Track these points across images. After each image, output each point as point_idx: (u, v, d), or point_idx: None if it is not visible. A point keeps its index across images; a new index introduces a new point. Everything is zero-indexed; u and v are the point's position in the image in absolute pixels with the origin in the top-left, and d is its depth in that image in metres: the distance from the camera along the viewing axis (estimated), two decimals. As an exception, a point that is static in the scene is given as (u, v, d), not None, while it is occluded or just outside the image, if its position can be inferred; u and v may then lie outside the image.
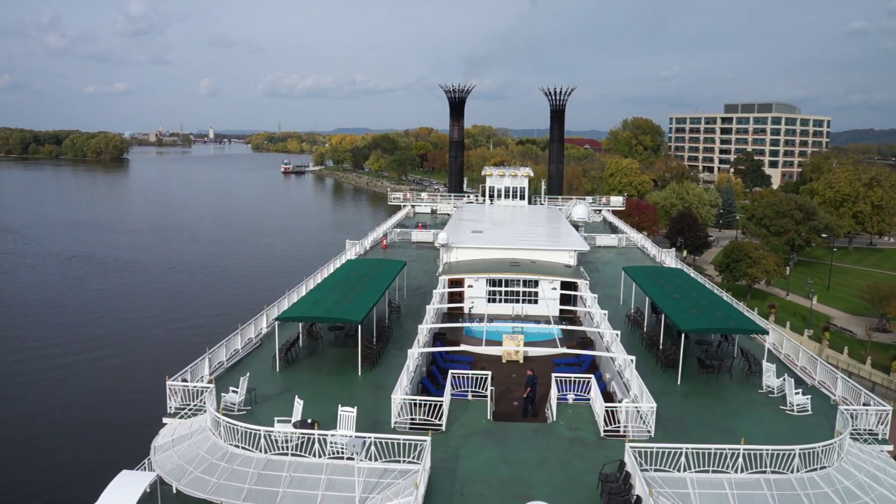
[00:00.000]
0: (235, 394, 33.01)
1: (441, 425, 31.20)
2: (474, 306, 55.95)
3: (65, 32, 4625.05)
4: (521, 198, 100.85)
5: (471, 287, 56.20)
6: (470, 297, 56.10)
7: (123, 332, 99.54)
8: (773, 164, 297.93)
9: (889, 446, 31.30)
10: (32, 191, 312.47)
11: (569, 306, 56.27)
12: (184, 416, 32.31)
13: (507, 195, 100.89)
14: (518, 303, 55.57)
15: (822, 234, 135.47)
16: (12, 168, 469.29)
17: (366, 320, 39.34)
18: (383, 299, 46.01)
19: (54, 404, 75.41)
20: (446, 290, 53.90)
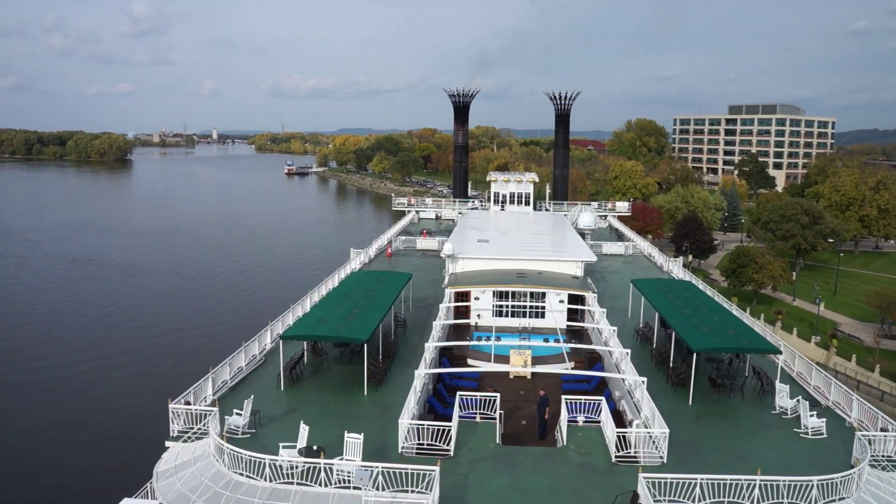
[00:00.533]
0: (239, 416, 32.40)
1: (449, 451, 30.56)
2: (481, 318, 55.39)
3: (68, 33, 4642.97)
4: (527, 204, 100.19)
5: (477, 299, 55.59)
6: (476, 309, 55.50)
7: (125, 341, 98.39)
8: (778, 166, 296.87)
9: None
10: (36, 193, 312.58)
11: (576, 318, 55.60)
12: (187, 439, 31.71)
13: (512, 201, 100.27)
14: (525, 316, 54.92)
15: (829, 238, 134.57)
16: (16, 169, 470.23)
17: (372, 338, 38.71)
18: (389, 314, 45.35)
19: (52, 419, 73.53)
20: (452, 304, 53.24)
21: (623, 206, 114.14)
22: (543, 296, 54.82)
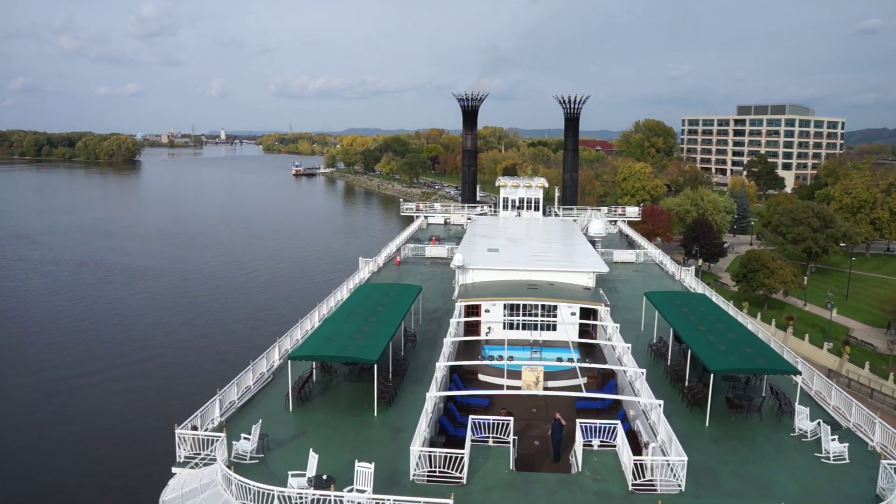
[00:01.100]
0: (247, 441, 31.79)
1: (462, 478, 29.88)
2: (491, 331, 54.67)
3: (77, 34, 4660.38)
4: (536, 209, 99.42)
5: (487, 312, 54.90)
6: (487, 321, 54.80)
7: (131, 352, 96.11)
8: (787, 167, 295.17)
9: None
10: (45, 194, 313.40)
11: (588, 331, 54.84)
12: (194, 466, 31.11)
13: (521, 206, 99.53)
14: (536, 328, 54.17)
15: (840, 242, 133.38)
16: (26, 171, 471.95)
17: (381, 356, 38.05)
18: (399, 330, 44.68)
19: (54, 436, 70.64)
20: (462, 318, 52.52)
21: (633, 211, 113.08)
22: (555, 308, 54.08)
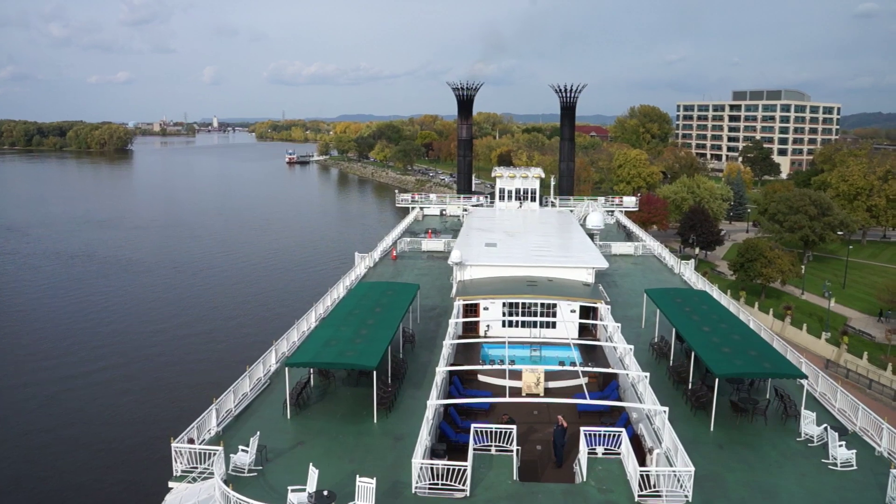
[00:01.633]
0: (245, 453, 31.11)
1: (465, 490, 29.29)
2: (490, 329, 54.13)
3: (68, 22, 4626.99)
4: (533, 200, 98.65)
5: (486, 310, 54.30)
6: (486, 319, 54.22)
7: (124, 350, 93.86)
8: (783, 152, 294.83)
9: None
10: (36, 185, 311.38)
11: (588, 327, 54.29)
12: (191, 480, 30.43)
13: (517, 197, 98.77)
14: (535, 326, 53.57)
15: (838, 230, 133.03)
16: (16, 161, 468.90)
17: (380, 362, 37.37)
18: (397, 332, 43.98)
19: (42, 442, 68.22)
20: (461, 319, 51.84)
21: (630, 201, 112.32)
22: (555, 306, 53.50)
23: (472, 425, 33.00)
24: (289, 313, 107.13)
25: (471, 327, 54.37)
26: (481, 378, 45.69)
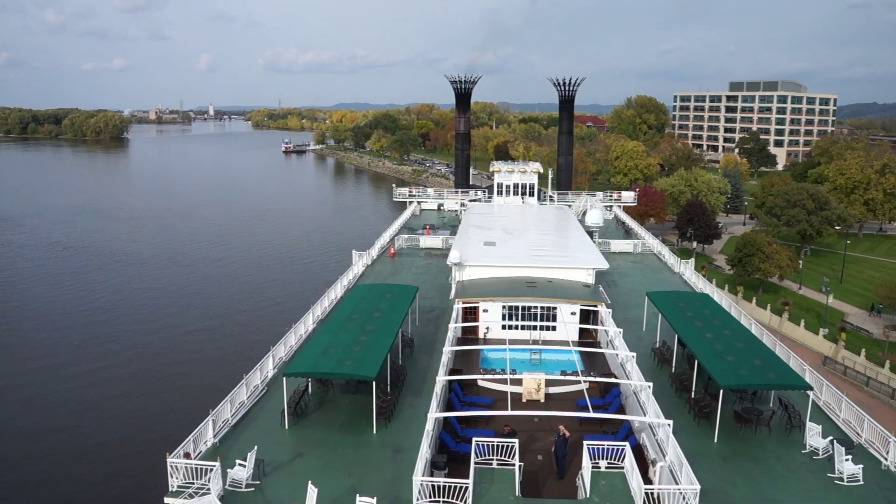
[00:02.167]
0: (243, 467, 30.56)
1: None
2: (490, 331, 53.64)
3: (62, 8, 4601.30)
4: (531, 195, 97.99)
5: (486, 311, 53.78)
6: (485, 321, 53.71)
7: (118, 350, 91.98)
8: (779, 144, 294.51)
9: None
10: (31, 174, 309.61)
11: (589, 331, 53.79)
12: (188, 496, 29.86)
13: (515, 192, 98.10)
14: (535, 329, 53.07)
15: (836, 225, 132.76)
16: (11, 149, 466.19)
17: (380, 370, 36.81)
18: (396, 338, 43.40)
19: (32, 451, 66.11)
20: (460, 324, 51.26)
21: (629, 195, 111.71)
22: (555, 308, 53.00)
23: (474, 439, 32.49)
24: (286, 307, 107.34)
25: (470, 329, 53.89)
26: (482, 383, 45.20)
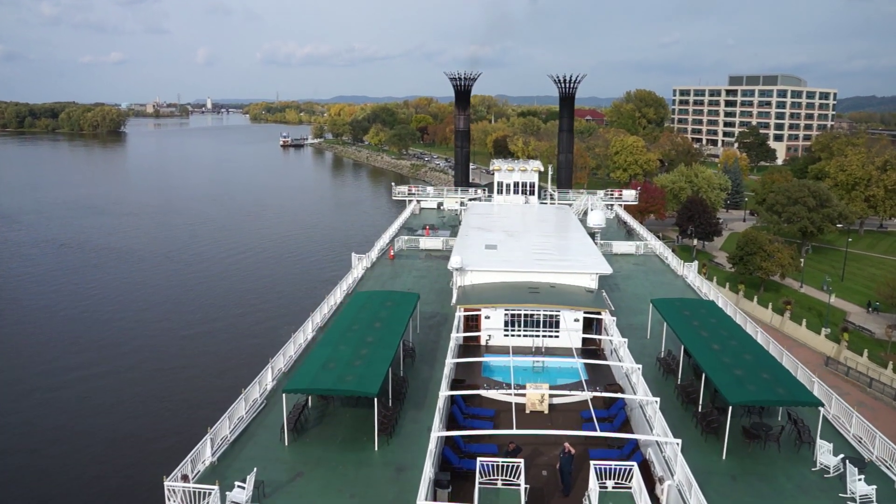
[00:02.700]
0: (242, 489, 29.85)
1: None
2: (492, 338, 52.97)
3: (59, 0, 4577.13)
4: (531, 193, 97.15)
5: (488, 318, 53.08)
6: (487, 328, 53.02)
7: (115, 355, 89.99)
8: (779, 138, 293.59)
9: None
10: (28, 169, 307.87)
11: (592, 337, 53.06)
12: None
13: (515, 191, 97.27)
14: (538, 336, 52.36)
15: (837, 222, 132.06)
16: (8, 143, 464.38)
17: (381, 385, 36.06)
18: (398, 349, 42.60)
19: (20, 462, 64.37)
20: (462, 333, 50.51)
21: (630, 194, 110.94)
22: (558, 314, 52.33)
23: (478, 459, 31.73)
24: (286, 303, 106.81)
25: (471, 329, 53.24)
26: (483, 393, 44.49)
